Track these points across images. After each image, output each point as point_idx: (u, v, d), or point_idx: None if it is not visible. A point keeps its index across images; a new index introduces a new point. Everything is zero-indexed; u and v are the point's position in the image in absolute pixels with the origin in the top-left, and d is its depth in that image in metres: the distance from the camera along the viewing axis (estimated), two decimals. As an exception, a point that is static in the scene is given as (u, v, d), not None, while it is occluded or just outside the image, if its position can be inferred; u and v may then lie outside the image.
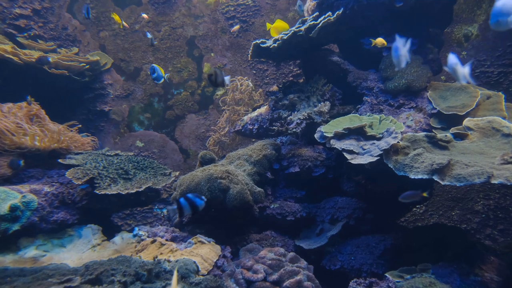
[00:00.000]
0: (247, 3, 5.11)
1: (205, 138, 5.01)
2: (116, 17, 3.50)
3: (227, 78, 2.21)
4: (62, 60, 4.06)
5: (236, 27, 4.77)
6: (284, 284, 2.02)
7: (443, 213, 3.49)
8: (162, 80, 2.98)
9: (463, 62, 1.86)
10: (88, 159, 3.02)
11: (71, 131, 3.35)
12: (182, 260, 2.05)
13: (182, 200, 1.78)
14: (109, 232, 2.71)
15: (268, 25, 3.42)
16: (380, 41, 3.01)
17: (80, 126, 3.56)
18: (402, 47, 2.13)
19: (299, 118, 3.25)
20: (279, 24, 3.33)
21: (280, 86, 3.76)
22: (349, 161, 2.49)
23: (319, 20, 3.11)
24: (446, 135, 2.50)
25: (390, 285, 2.17)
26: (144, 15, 4.70)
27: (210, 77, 2.21)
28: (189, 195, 1.82)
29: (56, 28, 4.73)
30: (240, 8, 5.11)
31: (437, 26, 3.43)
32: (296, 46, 3.37)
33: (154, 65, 2.98)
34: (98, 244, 2.57)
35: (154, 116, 5.11)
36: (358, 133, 2.70)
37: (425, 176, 2.11)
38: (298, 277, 2.04)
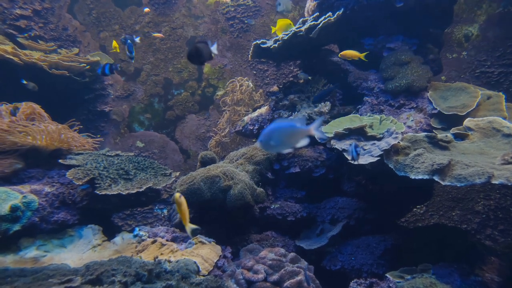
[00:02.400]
0: (247, 4, 5.11)
1: (206, 139, 5.01)
2: (114, 44, 3.51)
3: (213, 48, 1.81)
4: (63, 60, 4.06)
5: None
6: (285, 284, 2.02)
7: (444, 213, 3.49)
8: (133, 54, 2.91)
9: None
10: (88, 159, 3.02)
11: (75, 131, 3.35)
12: (182, 260, 2.05)
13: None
14: (110, 233, 2.71)
15: (273, 28, 3.41)
16: (349, 53, 3.02)
17: (81, 126, 3.55)
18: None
19: (299, 119, 3.24)
20: (282, 22, 3.33)
21: (281, 86, 3.76)
22: (350, 161, 2.49)
23: (320, 20, 3.12)
24: (446, 136, 2.50)
25: (390, 285, 2.17)
26: (146, 9, 4.66)
27: (191, 58, 1.83)
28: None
29: (57, 29, 4.73)
30: (240, 8, 5.12)
31: (437, 26, 3.44)
32: (296, 47, 3.37)
33: (127, 36, 2.96)
34: (99, 245, 2.57)
35: (155, 117, 5.11)
36: (359, 134, 2.70)
37: (426, 177, 2.11)
38: (298, 278, 2.04)
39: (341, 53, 3.10)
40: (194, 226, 1.73)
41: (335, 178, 3.08)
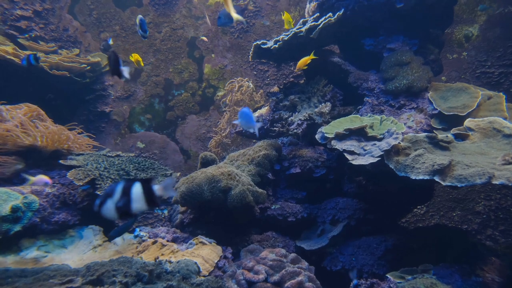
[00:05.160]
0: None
1: (206, 139, 5.01)
2: (134, 58, 3.42)
3: (125, 69, 1.80)
4: (63, 61, 4.06)
5: None
6: (286, 285, 2.02)
7: (444, 214, 3.49)
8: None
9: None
10: (89, 160, 3.02)
11: (80, 133, 3.35)
12: (183, 261, 2.05)
13: None
14: (110, 233, 2.71)
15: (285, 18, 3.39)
16: (301, 63, 2.98)
17: (81, 127, 3.55)
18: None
19: (300, 119, 3.25)
20: (286, 16, 3.34)
21: (281, 87, 3.76)
22: (350, 162, 2.49)
23: (320, 21, 3.12)
24: (447, 136, 2.50)
25: (391, 285, 2.17)
26: None
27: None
28: None
29: (57, 30, 4.73)
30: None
31: (437, 27, 3.43)
32: (296, 47, 3.38)
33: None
34: (99, 245, 2.57)
35: (155, 117, 5.11)
36: (359, 134, 2.70)
37: (426, 177, 2.11)
38: (299, 278, 2.04)
39: (297, 67, 3.10)
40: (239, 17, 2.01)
41: (335, 179, 3.08)
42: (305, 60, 2.98)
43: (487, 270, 2.22)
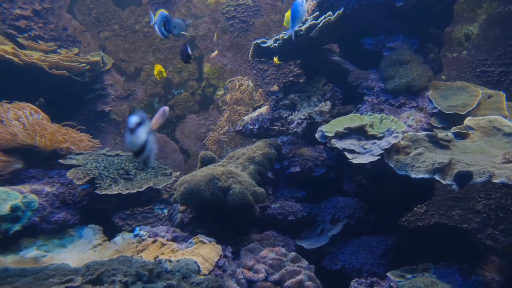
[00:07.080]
0: (247, 3, 5.11)
1: (206, 139, 5.01)
2: (157, 69, 3.38)
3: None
4: (62, 60, 4.06)
5: None
6: (286, 284, 2.02)
7: (444, 213, 3.49)
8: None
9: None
10: (88, 159, 3.02)
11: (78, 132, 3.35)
12: (183, 260, 2.05)
13: None
14: (110, 233, 2.71)
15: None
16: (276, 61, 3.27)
17: (82, 128, 3.55)
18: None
19: (299, 118, 3.24)
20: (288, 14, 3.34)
21: (281, 86, 3.76)
22: (350, 160, 2.49)
23: (320, 19, 3.11)
24: (447, 135, 2.50)
25: (391, 284, 2.16)
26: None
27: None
28: None
29: (57, 29, 4.72)
30: (240, 8, 5.11)
31: (437, 26, 3.43)
32: (296, 46, 3.37)
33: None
34: (99, 244, 2.56)
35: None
36: (359, 133, 2.70)
37: (426, 176, 2.11)
38: (299, 277, 2.04)
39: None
40: None
41: (335, 178, 3.08)
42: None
43: (487, 269, 2.22)
